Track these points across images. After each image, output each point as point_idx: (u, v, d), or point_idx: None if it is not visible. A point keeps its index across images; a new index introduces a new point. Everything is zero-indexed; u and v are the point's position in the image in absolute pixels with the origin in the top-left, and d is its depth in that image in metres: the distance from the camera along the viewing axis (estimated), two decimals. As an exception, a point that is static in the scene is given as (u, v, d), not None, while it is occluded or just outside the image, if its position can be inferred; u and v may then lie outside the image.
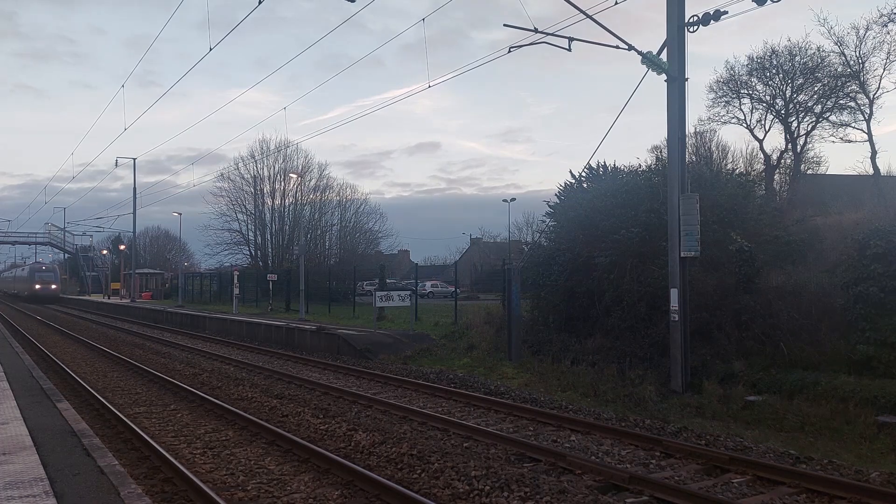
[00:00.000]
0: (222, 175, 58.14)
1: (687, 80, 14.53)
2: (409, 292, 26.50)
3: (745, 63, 36.01)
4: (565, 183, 21.80)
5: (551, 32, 14.95)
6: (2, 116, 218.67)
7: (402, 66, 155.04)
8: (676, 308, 13.97)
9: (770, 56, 35.02)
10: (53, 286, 73.68)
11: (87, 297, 75.11)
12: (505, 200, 66.93)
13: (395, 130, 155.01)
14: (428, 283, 56.18)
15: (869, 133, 32.67)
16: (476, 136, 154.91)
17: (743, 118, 36.89)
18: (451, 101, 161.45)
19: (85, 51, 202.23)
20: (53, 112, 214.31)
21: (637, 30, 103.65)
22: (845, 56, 32.30)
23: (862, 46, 31.63)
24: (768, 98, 35.89)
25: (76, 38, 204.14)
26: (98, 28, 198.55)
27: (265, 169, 57.11)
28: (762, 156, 37.19)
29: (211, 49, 19.91)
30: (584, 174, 21.32)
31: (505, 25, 14.92)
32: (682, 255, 14.08)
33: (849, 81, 32.80)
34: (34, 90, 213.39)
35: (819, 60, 33.74)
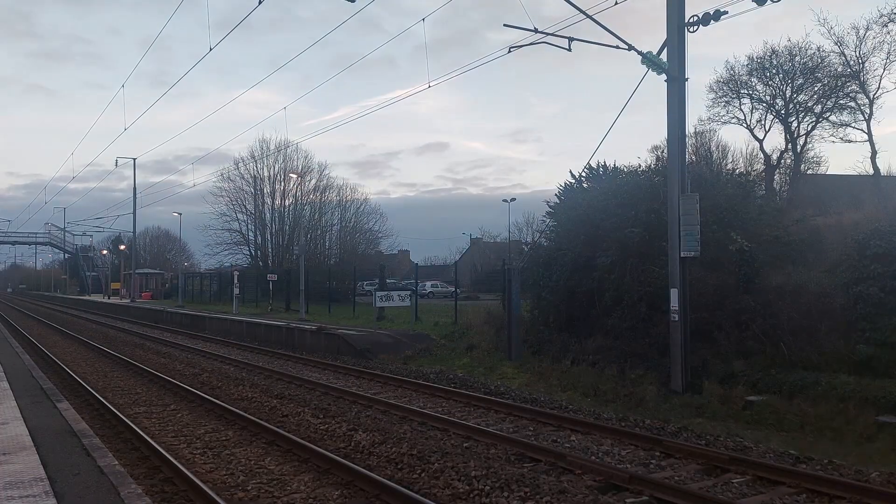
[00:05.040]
0: (222, 175, 58.18)
1: (687, 80, 14.52)
2: (409, 292, 26.51)
3: (745, 63, 35.95)
4: (565, 183, 21.81)
5: (551, 32, 14.95)
6: (12, 117, 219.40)
7: (415, 66, 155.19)
8: (676, 308, 13.96)
9: (770, 56, 34.99)
10: None
11: (87, 297, 75.13)
12: (505, 200, 66.82)
13: (403, 131, 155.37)
14: (428, 283, 56.14)
15: (869, 133, 32.66)
16: (484, 137, 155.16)
17: (743, 118, 36.87)
18: (459, 102, 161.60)
19: (99, 51, 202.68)
20: (64, 112, 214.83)
21: (639, 30, 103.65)
22: (845, 56, 32.29)
23: (862, 46, 31.63)
24: (768, 98, 35.86)
25: (91, 39, 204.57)
26: (114, 28, 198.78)
27: (265, 169, 57.15)
28: (762, 156, 37.17)
29: (211, 49, 19.94)
30: (583, 174, 21.33)
31: (505, 25, 14.91)
32: (682, 255, 14.08)
33: (849, 81, 32.76)
34: (46, 90, 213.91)
35: (819, 60, 33.72)
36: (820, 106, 34.55)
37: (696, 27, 14.38)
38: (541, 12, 67.40)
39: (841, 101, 33.71)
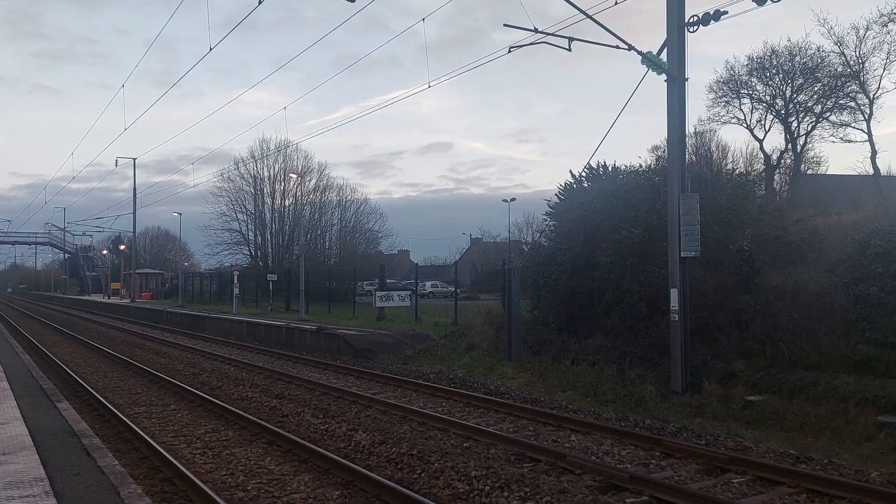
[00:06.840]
0: (223, 175, 58.16)
1: (687, 80, 14.52)
2: (409, 292, 26.50)
3: (745, 63, 35.94)
4: (565, 183, 21.78)
5: (551, 32, 14.95)
6: (17, 117, 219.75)
7: (420, 66, 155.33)
8: (676, 308, 13.97)
9: (770, 56, 34.98)
10: None
11: (87, 297, 75.13)
12: (505, 200, 66.84)
13: (407, 131, 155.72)
14: (428, 283, 56.12)
15: (869, 133, 32.66)
16: (486, 137, 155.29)
17: (743, 118, 36.86)
18: (461, 102, 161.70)
19: (105, 51, 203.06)
20: (68, 112, 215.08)
21: (639, 30, 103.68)
22: (845, 56, 32.28)
23: (862, 46, 31.63)
24: (768, 98, 35.85)
25: (97, 39, 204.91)
26: (120, 28, 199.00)
27: (265, 169, 57.15)
28: (762, 156, 37.16)
29: (211, 49, 19.95)
30: (583, 174, 21.31)
31: (505, 25, 14.91)
32: (682, 255, 14.08)
33: (849, 81, 32.76)
34: (51, 90, 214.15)
35: (819, 60, 33.71)
36: (820, 106, 34.55)
37: (696, 27, 14.39)
38: (547, 12, 67.63)
39: (841, 101, 33.72)
